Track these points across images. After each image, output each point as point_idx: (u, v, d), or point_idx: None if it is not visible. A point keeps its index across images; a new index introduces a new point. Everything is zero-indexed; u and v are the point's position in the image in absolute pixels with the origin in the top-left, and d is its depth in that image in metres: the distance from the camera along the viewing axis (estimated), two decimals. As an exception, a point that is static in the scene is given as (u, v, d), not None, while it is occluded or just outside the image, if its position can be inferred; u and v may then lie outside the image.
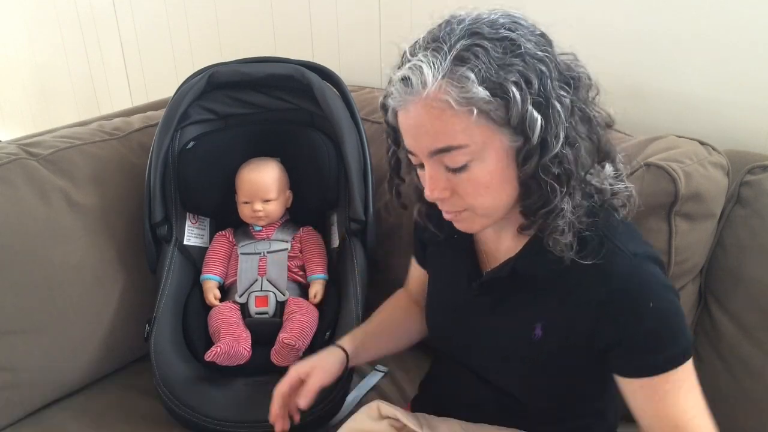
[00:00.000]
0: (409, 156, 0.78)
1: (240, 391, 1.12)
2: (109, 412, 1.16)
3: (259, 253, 1.26)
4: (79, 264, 1.20)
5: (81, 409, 1.18)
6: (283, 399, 0.95)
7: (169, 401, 1.10)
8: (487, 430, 0.90)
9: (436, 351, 1.04)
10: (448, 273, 0.93)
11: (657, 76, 1.22)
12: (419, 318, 1.05)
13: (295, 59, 1.31)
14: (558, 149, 0.71)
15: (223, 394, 1.11)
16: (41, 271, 1.15)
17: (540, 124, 0.69)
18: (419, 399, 1.05)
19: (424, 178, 0.77)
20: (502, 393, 0.90)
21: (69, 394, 1.21)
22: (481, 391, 0.92)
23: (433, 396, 1.02)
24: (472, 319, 0.88)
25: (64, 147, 1.25)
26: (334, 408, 1.11)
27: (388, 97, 0.75)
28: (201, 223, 1.34)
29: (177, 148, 1.29)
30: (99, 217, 1.24)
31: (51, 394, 1.19)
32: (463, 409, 0.93)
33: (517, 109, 0.68)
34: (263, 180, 1.26)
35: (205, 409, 1.08)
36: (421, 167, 0.77)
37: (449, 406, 0.95)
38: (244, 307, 1.21)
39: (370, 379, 1.24)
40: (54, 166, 1.22)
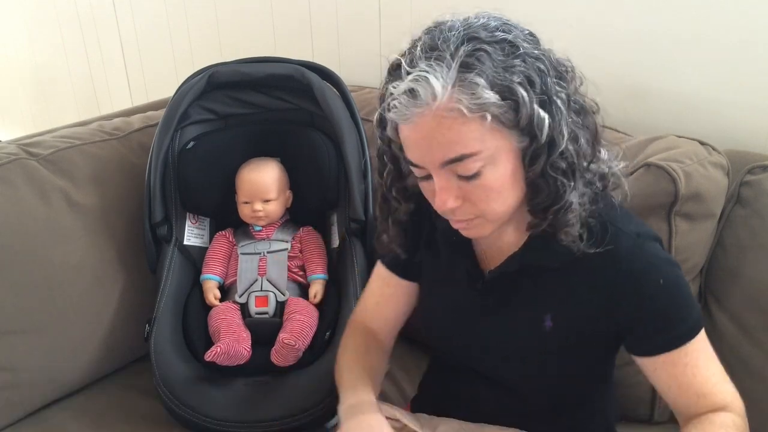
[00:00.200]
0: (413, 169, 0.76)
1: (240, 391, 1.12)
2: (109, 412, 1.16)
3: (259, 253, 1.26)
4: (79, 264, 1.20)
5: (81, 409, 1.18)
6: None
7: (169, 401, 1.10)
8: (487, 430, 0.90)
9: (434, 351, 1.04)
10: (445, 277, 0.92)
11: (657, 76, 1.22)
12: (384, 356, 0.99)
13: (295, 59, 1.31)
14: (564, 145, 0.71)
15: (223, 394, 1.11)
16: (41, 271, 1.15)
17: (547, 123, 0.70)
18: (418, 399, 1.05)
19: (429, 191, 0.76)
20: (502, 392, 0.90)
21: (69, 394, 1.21)
22: (482, 391, 0.92)
23: (433, 396, 1.02)
24: (478, 320, 0.88)
25: (64, 147, 1.25)
26: (333, 409, 1.11)
27: (389, 111, 0.72)
28: (201, 223, 1.34)
29: (177, 148, 1.29)
30: (99, 217, 1.24)
31: (51, 394, 1.19)
32: (463, 408, 0.93)
33: (526, 111, 0.68)
34: (263, 180, 1.26)
35: (205, 409, 1.08)
36: (427, 179, 0.76)
37: (449, 406, 0.95)
38: (244, 307, 1.21)
39: (370, 379, 1.24)
40: (54, 166, 1.22)
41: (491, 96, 0.67)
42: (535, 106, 0.69)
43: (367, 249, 1.26)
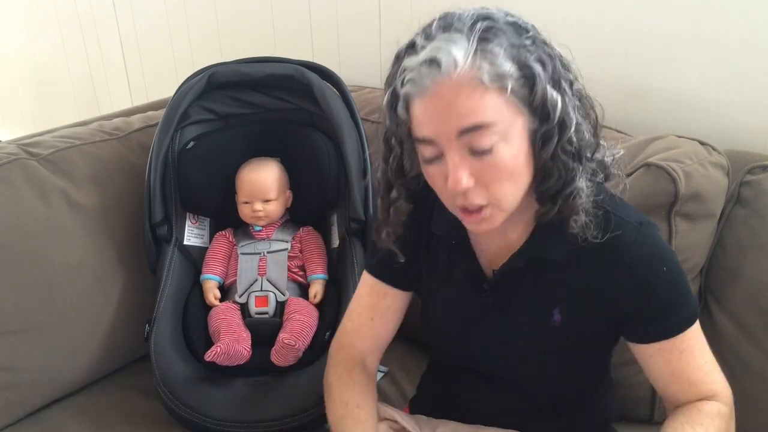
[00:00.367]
0: (423, 149, 0.74)
1: (240, 391, 1.12)
2: (109, 412, 1.16)
3: (259, 253, 1.26)
4: (79, 264, 1.20)
5: (81, 409, 1.18)
6: None
7: (169, 401, 1.10)
8: (483, 431, 0.90)
9: (434, 351, 1.04)
10: (444, 280, 0.90)
11: (657, 76, 1.22)
12: (370, 381, 0.95)
13: (295, 59, 1.31)
14: (574, 128, 0.72)
15: (223, 394, 1.11)
16: (41, 271, 1.15)
17: (560, 104, 0.70)
18: (418, 399, 1.05)
19: (439, 176, 0.74)
20: (502, 392, 0.90)
21: (69, 394, 1.21)
22: (482, 391, 0.92)
23: (432, 396, 1.01)
24: (480, 321, 0.87)
25: (64, 147, 1.25)
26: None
27: (403, 86, 0.70)
28: (201, 223, 1.34)
29: (177, 148, 1.29)
30: (99, 217, 1.24)
31: (51, 394, 1.19)
32: (462, 408, 0.93)
33: (542, 87, 0.69)
34: (263, 180, 1.26)
35: (205, 409, 1.08)
36: (436, 162, 0.73)
37: (448, 406, 0.95)
38: (244, 307, 1.21)
39: (370, 379, 1.24)
40: (54, 166, 1.22)
41: (510, 67, 0.68)
42: (548, 86, 0.70)
43: (367, 249, 1.26)
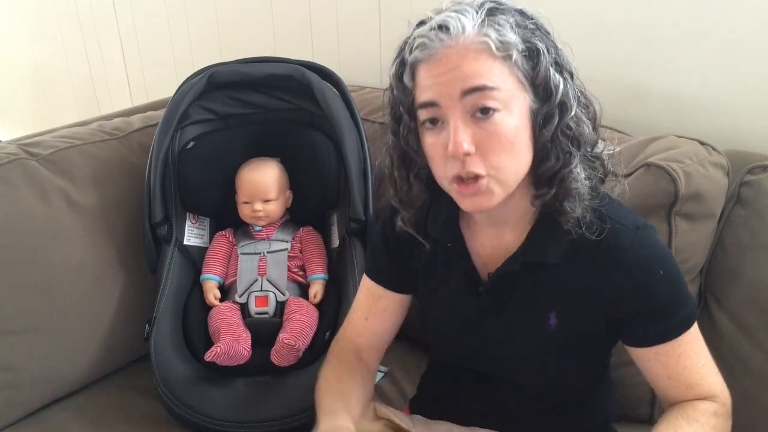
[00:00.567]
0: (426, 113, 0.75)
1: (240, 391, 1.12)
2: (109, 412, 1.16)
3: (259, 253, 1.26)
4: (79, 264, 1.20)
5: (81, 409, 1.18)
6: None
7: (169, 401, 1.10)
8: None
9: (434, 351, 1.04)
10: (441, 283, 0.91)
11: (657, 76, 1.22)
12: (368, 376, 0.96)
13: (295, 59, 1.31)
14: (573, 113, 0.74)
15: (223, 394, 1.11)
16: (41, 271, 1.15)
17: (561, 86, 0.73)
18: (418, 399, 1.05)
19: (439, 145, 0.74)
20: (502, 392, 0.90)
21: (69, 394, 1.21)
22: (481, 391, 0.92)
23: (432, 396, 1.01)
24: (478, 322, 0.87)
25: (64, 147, 1.25)
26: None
27: (411, 53, 0.73)
28: (201, 223, 1.34)
29: (177, 148, 1.29)
30: (99, 217, 1.24)
31: (51, 394, 1.19)
32: (462, 408, 0.93)
33: (545, 65, 0.72)
34: (263, 180, 1.26)
35: (205, 409, 1.08)
36: (438, 129, 0.74)
37: (448, 406, 0.95)
38: (244, 307, 1.21)
39: (370, 379, 1.24)
40: (54, 166, 1.22)
41: (515, 38, 0.71)
42: (551, 67, 0.72)
43: (367, 249, 1.26)
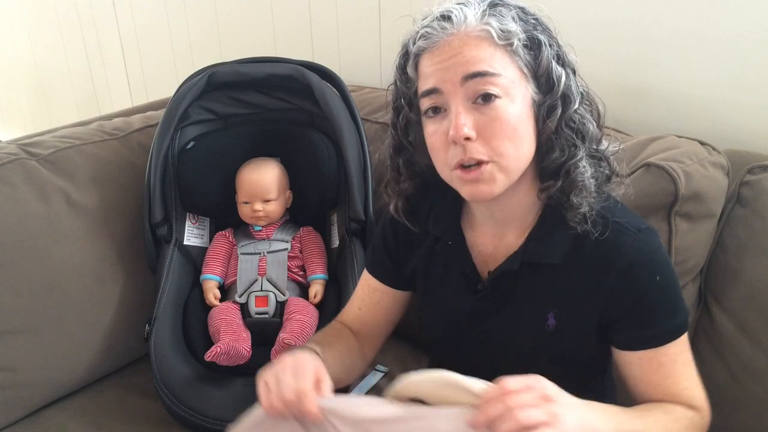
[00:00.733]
0: (427, 101, 0.76)
1: (240, 391, 1.12)
2: (109, 412, 1.16)
3: (259, 253, 1.26)
4: (79, 264, 1.20)
5: (81, 409, 1.18)
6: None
7: (169, 401, 1.10)
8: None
9: (434, 351, 1.04)
10: (441, 282, 0.91)
11: (657, 76, 1.22)
12: (362, 358, 0.97)
13: (295, 59, 1.31)
14: (577, 104, 0.75)
15: (223, 394, 1.11)
16: (41, 271, 1.15)
17: (563, 78, 0.74)
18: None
19: (440, 134, 0.75)
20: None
21: (69, 394, 1.21)
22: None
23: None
24: (477, 322, 0.87)
25: (64, 147, 1.25)
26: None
27: (415, 43, 0.75)
28: (201, 223, 1.34)
29: (177, 148, 1.29)
30: (99, 217, 1.24)
31: (51, 394, 1.19)
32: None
33: (546, 57, 0.73)
34: (263, 180, 1.26)
35: (205, 409, 1.08)
36: (439, 117, 0.75)
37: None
38: (244, 307, 1.21)
39: (370, 379, 1.24)
40: (54, 166, 1.22)
41: (516, 28, 0.72)
42: (553, 60, 0.73)
43: (366, 249, 1.26)
